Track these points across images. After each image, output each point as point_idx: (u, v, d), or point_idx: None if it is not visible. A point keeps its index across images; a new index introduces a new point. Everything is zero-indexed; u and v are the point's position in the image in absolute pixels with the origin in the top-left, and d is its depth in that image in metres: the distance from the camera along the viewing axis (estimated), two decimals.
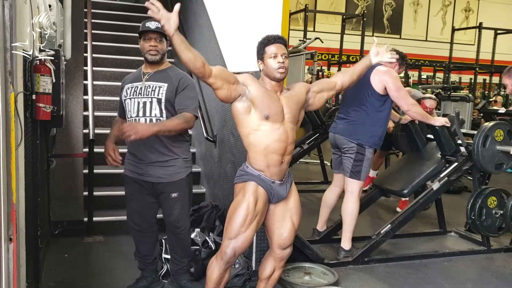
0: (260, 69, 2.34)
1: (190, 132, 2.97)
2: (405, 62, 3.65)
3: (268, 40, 2.30)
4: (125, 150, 2.75)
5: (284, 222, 2.37)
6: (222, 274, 2.30)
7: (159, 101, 2.55)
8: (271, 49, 2.27)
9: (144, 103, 2.56)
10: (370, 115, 3.35)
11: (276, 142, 2.25)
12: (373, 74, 3.35)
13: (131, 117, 2.59)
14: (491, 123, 3.69)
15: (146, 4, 1.93)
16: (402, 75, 12.54)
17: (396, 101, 3.43)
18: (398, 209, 4.80)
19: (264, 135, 2.24)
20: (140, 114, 2.56)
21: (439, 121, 3.60)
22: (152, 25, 2.56)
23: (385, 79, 3.31)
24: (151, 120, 2.55)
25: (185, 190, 2.68)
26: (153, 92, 2.55)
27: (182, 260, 2.79)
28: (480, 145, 3.54)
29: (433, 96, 4.86)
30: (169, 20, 1.95)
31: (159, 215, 2.77)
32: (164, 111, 2.56)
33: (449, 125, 3.60)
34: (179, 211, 2.66)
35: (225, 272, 2.31)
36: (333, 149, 3.64)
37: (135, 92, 2.59)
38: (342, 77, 2.56)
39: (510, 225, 3.65)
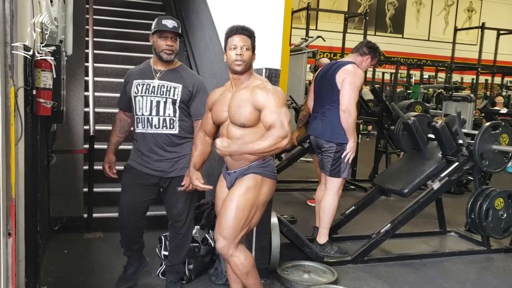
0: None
1: None
2: (378, 54, 3.55)
3: (231, 31, 2.20)
4: (130, 147, 2.76)
5: (219, 215, 2.31)
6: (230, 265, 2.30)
7: (174, 101, 2.56)
8: (231, 40, 2.18)
9: (158, 102, 2.56)
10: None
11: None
12: (340, 72, 3.35)
13: (142, 114, 2.59)
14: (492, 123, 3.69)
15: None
16: (404, 75, 12.54)
17: (341, 97, 3.31)
18: (308, 202, 4.88)
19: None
20: (153, 113, 2.57)
21: (349, 146, 3.35)
22: (169, 24, 2.52)
23: (344, 76, 3.30)
24: (164, 120, 2.57)
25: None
26: (168, 92, 2.56)
27: (173, 261, 2.78)
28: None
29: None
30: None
31: (162, 212, 2.77)
32: (177, 111, 2.59)
33: (353, 155, 3.41)
34: (183, 205, 2.69)
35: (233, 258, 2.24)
36: (316, 150, 3.66)
37: (147, 90, 2.58)
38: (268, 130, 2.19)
39: None
